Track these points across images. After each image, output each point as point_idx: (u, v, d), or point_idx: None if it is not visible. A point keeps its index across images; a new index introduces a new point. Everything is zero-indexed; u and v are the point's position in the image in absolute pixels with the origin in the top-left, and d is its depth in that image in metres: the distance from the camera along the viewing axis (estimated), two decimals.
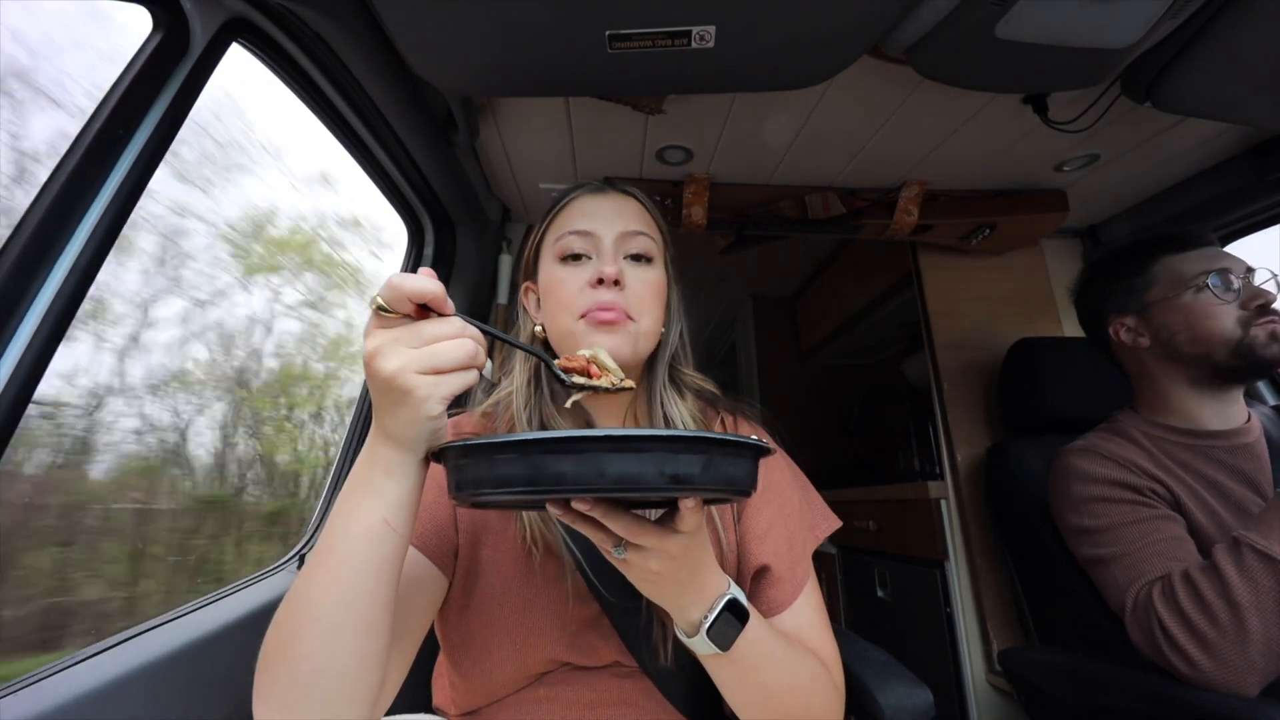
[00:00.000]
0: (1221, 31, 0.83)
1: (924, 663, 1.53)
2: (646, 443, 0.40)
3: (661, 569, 0.49)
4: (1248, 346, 0.93)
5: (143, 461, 0.96)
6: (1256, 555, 0.74)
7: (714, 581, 0.54)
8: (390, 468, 0.46)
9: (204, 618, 0.76)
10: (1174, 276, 1.00)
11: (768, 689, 0.58)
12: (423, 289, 0.45)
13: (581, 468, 0.39)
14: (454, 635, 0.67)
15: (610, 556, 0.50)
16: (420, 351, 0.43)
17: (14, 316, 0.56)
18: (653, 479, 0.40)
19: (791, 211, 1.47)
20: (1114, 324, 1.08)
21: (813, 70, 0.90)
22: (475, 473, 0.43)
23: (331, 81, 0.89)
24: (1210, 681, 0.75)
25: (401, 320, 0.45)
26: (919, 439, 2.18)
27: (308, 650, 0.44)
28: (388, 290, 0.44)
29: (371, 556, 0.46)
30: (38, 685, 0.57)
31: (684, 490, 0.42)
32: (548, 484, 0.40)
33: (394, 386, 0.43)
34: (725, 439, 0.42)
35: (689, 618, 0.54)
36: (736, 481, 0.44)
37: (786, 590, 0.68)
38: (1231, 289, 0.96)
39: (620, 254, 0.71)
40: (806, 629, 0.67)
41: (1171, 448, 0.99)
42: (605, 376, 0.56)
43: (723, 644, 0.54)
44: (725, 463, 0.43)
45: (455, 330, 0.45)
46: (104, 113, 0.62)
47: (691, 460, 0.41)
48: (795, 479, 0.78)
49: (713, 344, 3.64)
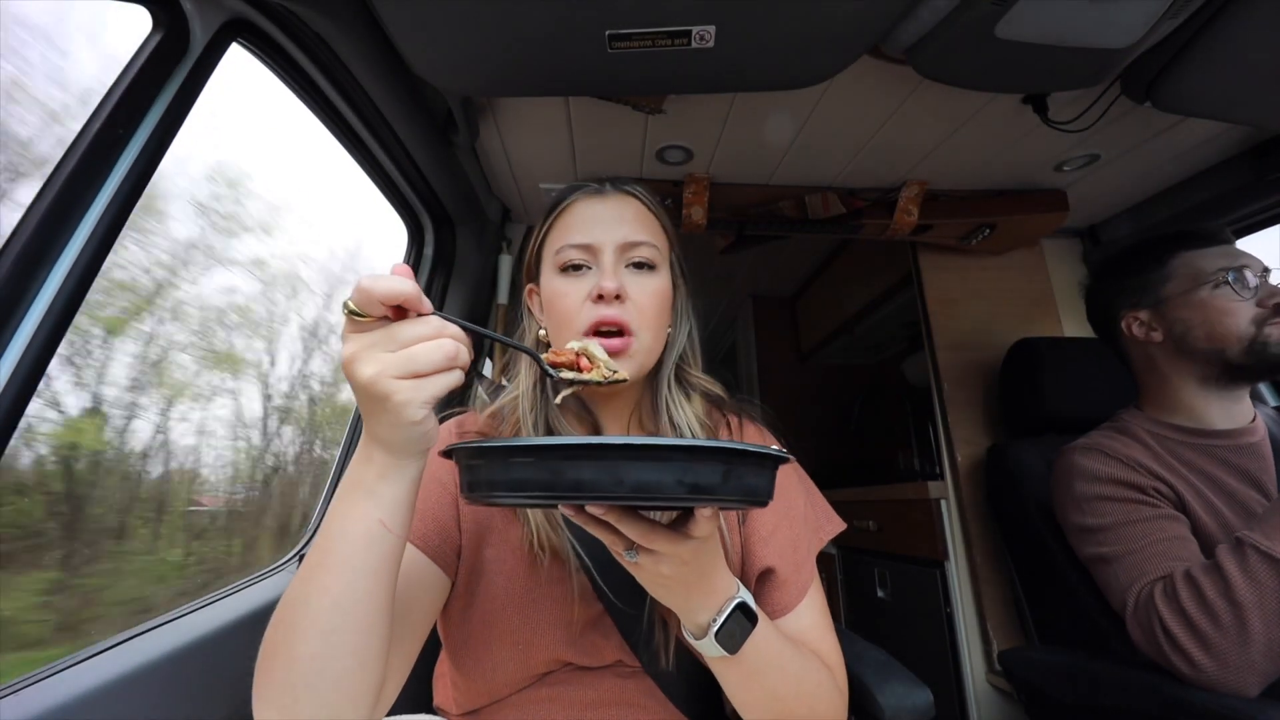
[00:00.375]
0: (1221, 31, 0.83)
1: (924, 663, 1.53)
2: (667, 452, 0.39)
3: (672, 573, 0.49)
4: (1262, 345, 0.93)
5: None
6: (1260, 556, 0.74)
7: (723, 585, 0.54)
8: (383, 470, 0.46)
9: (204, 618, 0.76)
10: (1192, 271, 1.00)
11: (773, 691, 0.58)
12: (394, 290, 0.42)
13: (600, 475, 0.39)
14: (456, 635, 0.67)
15: (621, 559, 0.50)
16: (397, 355, 0.42)
17: (14, 316, 0.56)
18: (671, 488, 0.39)
19: (791, 211, 1.47)
20: (1127, 318, 1.08)
21: (813, 70, 0.90)
22: (489, 474, 0.43)
23: (331, 82, 0.89)
24: (1211, 681, 0.75)
25: (377, 323, 0.43)
26: (919, 439, 2.19)
27: (305, 652, 0.44)
28: (358, 294, 0.42)
29: (368, 558, 0.45)
30: (38, 685, 0.57)
31: (703, 500, 0.42)
32: (565, 490, 0.40)
33: (373, 393, 0.42)
34: (748, 450, 0.41)
35: (697, 620, 0.54)
36: (756, 492, 0.43)
37: (791, 593, 0.68)
38: (1249, 286, 0.96)
39: (621, 264, 0.69)
40: (810, 631, 0.67)
41: (1176, 446, 0.99)
42: (596, 369, 0.55)
43: (731, 647, 0.54)
44: (746, 474, 0.42)
45: (433, 331, 0.43)
46: (104, 113, 0.62)
47: (713, 470, 0.40)
48: (800, 481, 0.78)
49: (713, 344, 3.64)
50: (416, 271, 1.35)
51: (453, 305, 1.40)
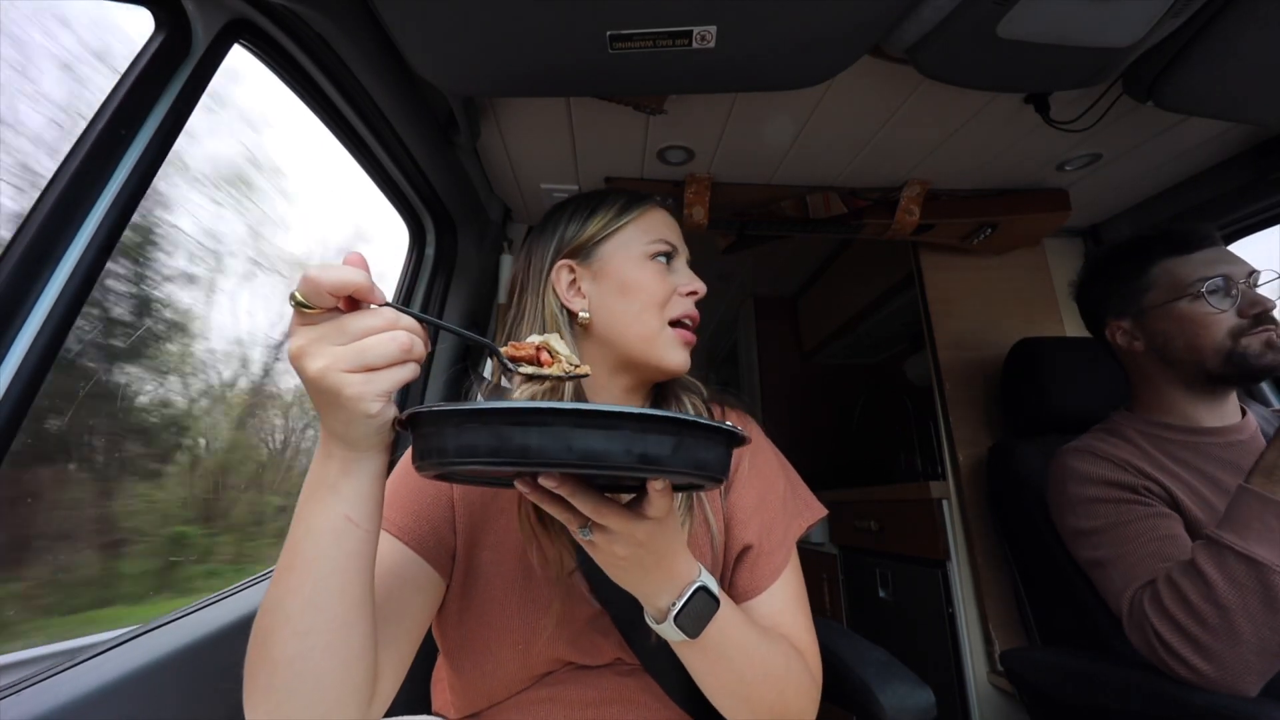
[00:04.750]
0: (1223, 30, 0.83)
1: (926, 663, 1.52)
2: (616, 419, 0.39)
3: (628, 554, 0.49)
4: (1240, 356, 0.93)
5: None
6: (1237, 557, 0.73)
7: (684, 569, 0.53)
8: (344, 465, 0.45)
9: (204, 618, 0.76)
10: (1172, 281, 1.00)
11: (740, 676, 0.58)
12: (343, 280, 0.40)
13: (547, 441, 0.38)
14: (453, 637, 0.67)
15: (577, 537, 0.50)
16: (347, 348, 0.40)
17: (17, 317, 0.56)
18: (620, 457, 0.39)
19: (793, 211, 1.47)
20: (1111, 326, 1.08)
21: (814, 70, 0.90)
22: (440, 441, 0.41)
23: (333, 82, 0.89)
24: (1210, 683, 0.75)
25: (327, 314, 0.41)
26: (920, 439, 2.18)
27: (283, 654, 0.44)
28: (304, 285, 0.40)
29: (337, 555, 0.45)
30: (38, 685, 0.57)
31: (652, 471, 0.41)
32: (512, 455, 0.39)
33: (322, 387, 0.40)
34: (697, 421, 0.41)
35: (657, 604, 0.53)
36: (707, 466, 0.42)
37: (764, 573, 0.68)
38: (1229, 296, 0.95)
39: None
40: (783, 614, 0.67)
41: (1167, 445, 0.99)
42: (557, 364, 0.52)
43: (691, 631, 0.53)
44: (696, 445, 0.41)
45: (385, 323, 0.42)
46: (106, 113, 0.62)
47: (661, 441, 0.40)
48: (782, 467, 0.80)
49: (714, 344, 3.63)
50: (418, 272, 1.35)
51: (453, 305, 1.40)
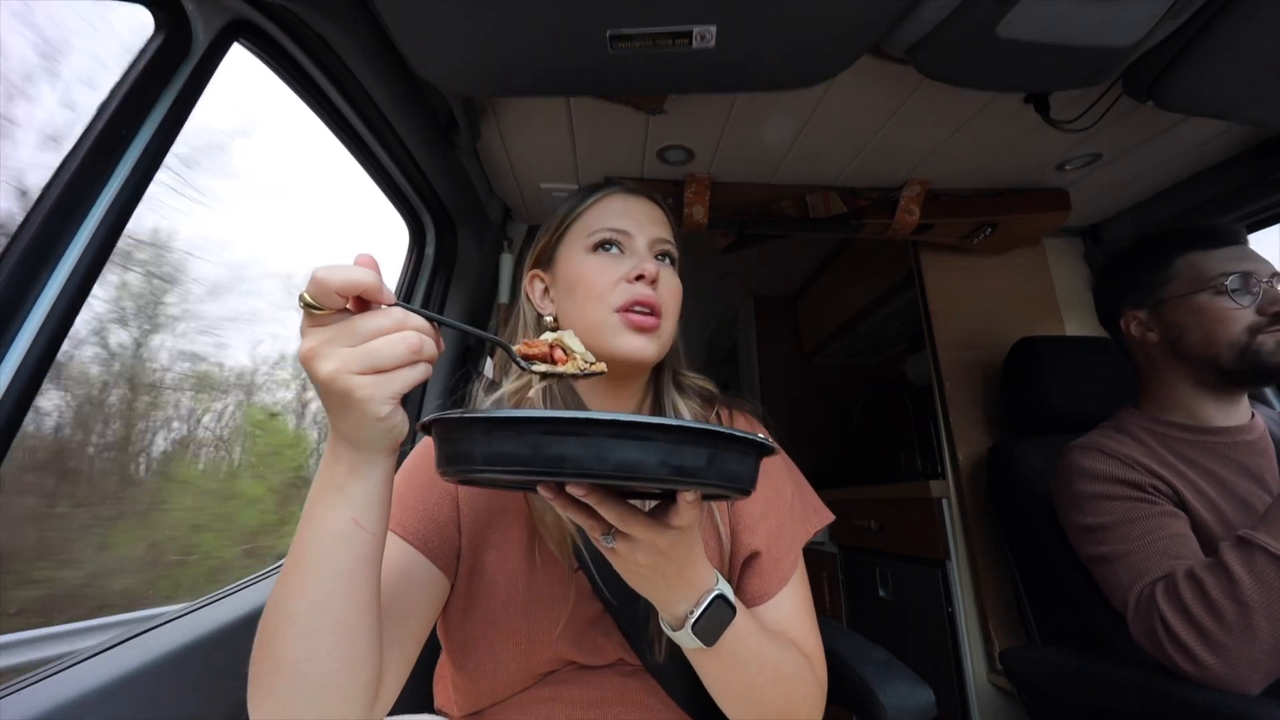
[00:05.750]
0: (1223, 30, 0.83)
1: (925, 662, 1.53)
2: (652, 431, 0.38)
3: (649, 562, 0.49)
4: (1254, 353, 0.92)
5: None
6: (1269, 558, 0.73)
7: (702, 578, 0.53)
8: (353, 468, 0.44)
9: (204, 618, 0.76)
10: (1195, 274, 0.99)
11: (751, 683, 0.58)
12: (351, 281, 0.39)
13: (583, 451, 0.38)
14: (457, 636, 0.67)
15: (599, 544, 0.50)
16: (357, 350, 0.40)
17: (16, 317, 0.56)
18: (654, 469, 0.38)
19: (793, 211, 1.47)
20: (1126, 316, 1.07)
21: (814, 70, 0.90)
22: (468, 447, 0.41)
23: (333, 82, 0.89)
24: (1214, 679, 0.75)
25: (337, 315, 0.41)
26: (920, 438, 2.18)
27: (288, 656, 0.44)
28: (313, 285, 0.39)
29: (344, 558, 0.44)
30: (38, 685, 0.57)
31: (685, 483, 0.41)
32: (546, 465, 0.38)
33: (333, 389, 0.40)
34: (733, 434, 0.41)
35: (675, 612, 0.53)
36: (738, 478, 0.43)
37: (772, 580, 0.68)
38: (1251, 293, 0.94)
39: (651, 255, 0.73)
40: (790, 619, 0.67)
41: (1175, 443, 0.99)
42: (571, 361, 0.52)
43: (708, 639, 0.53)
44: (730, 458, 0.42)
45: (394, 323, 0.41)
46: (106, 113, 0.62)
47: (697, 453, 0.40)
48: (789, 472, 0.79)
49: (714, 344, 3.63)
50: (418, 271, 1.35)
51: (454, 305, 1.40)
